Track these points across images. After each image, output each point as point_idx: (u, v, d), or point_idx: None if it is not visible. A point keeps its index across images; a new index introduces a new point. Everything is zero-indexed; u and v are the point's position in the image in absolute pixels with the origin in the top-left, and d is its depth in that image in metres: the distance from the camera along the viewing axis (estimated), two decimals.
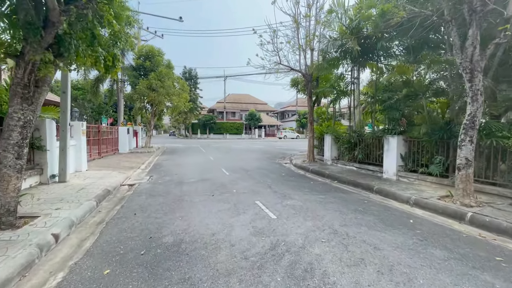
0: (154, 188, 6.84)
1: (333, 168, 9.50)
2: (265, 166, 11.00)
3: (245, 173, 8.98)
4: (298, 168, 10.47)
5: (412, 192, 5.81)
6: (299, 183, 7.54)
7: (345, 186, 7.19)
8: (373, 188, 6.52)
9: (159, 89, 16.28)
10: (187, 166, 10.74)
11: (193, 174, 8.91)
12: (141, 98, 16.78)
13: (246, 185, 7.07)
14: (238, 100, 59.32)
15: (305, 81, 11.16)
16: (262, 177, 8.25)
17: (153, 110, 17.99)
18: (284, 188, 6.78)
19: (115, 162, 11.46)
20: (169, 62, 18.85)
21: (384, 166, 7.61)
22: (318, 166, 10.10)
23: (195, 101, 43.60)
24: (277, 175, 8.84)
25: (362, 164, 8.79)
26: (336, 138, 10.25)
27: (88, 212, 4.74)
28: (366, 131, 10.12)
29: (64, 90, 6.72)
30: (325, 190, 6.60)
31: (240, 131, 48.17)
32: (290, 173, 9.30)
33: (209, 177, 8.24)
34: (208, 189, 6.61)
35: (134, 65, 17.63)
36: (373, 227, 4.09)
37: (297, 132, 49.70)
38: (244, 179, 7.91)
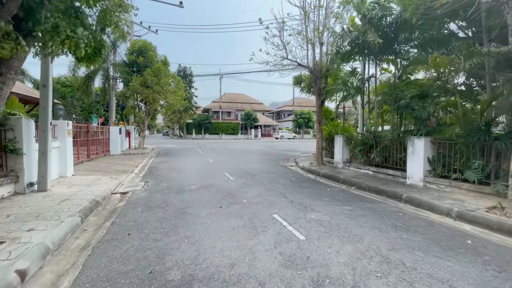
0: (151, 197, 5.92)
1: (346, 172, 8.72)
2: (271, 169, 10.16)
3: (251, 178, 8.13)
4: (307, 172, 9.67)
5: (450, 202, 5.06)
6: (315, 190, 6.73)
7: (367, 194, 6.42)
8: (401, 197, 5.76)
9: (154, 86, 15.26)
10: (186, 170, 9.81)
11: (193, 179, 8.01)
12: (134, 95, 15.73)
13: (256, 193, 6.21)
14: (233, 100, 58.39)
15: (313, 78, 10.37)
16: (271, 183, 7.40)
17: (147, 108, 16.94)
18: (301, 196, 5.95)
19: (106, 165, 10.43)
20: (165, 58, 17.83)
21: (408, 170, 6.87)
22: (329, 169, 9.32)
23: (190, 100, 42.51)
24: (286, 180, 8.01)
25: (379, 168, 8.04)
26: (348, 139, 9.49)
27: (70, 232, 3.81)
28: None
29: (44, 84, 5.74)
30: (347, 199, 5.80)
31: (236, 131, 47.24)
32: (300, 178, 8.48)
33: (212, 183, 7.36)
34: (214, 199, 5.73)
35: (127, 61, 16.55)
36: (428, 251, 3.30)
37: (294, 132, 49.08)
38: (252, 186, 7.05)
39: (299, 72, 15.40)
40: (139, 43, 16.68)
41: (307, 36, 9.75)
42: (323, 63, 10.27)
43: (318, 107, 10.42)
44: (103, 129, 14.47)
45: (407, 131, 7.29)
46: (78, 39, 3.25)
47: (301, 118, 48.99)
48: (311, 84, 14.20)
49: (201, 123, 44.76)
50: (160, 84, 15.58)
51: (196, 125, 45.29)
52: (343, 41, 8.09)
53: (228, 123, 47.95)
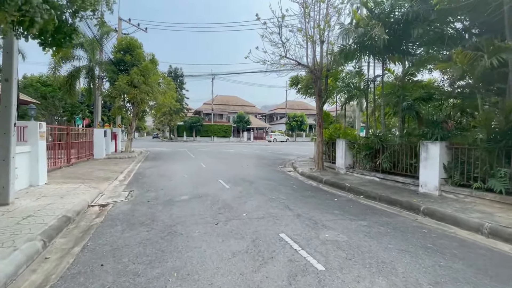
0: (135, 211, 5.09)
1: (350, 179, 8.11)
2: (269, 175, 9.44)
3: (249, 186, 7.38)
4: (308, 178, 9.00)
5: (478, 216, 4.47)
6: (321, 200, 6.05)
7: (378, 204, 5.79)
8: (419, 208, 5.15)
9: (141, 85, 14.33)
10: (176, 176, 8.97)
11: (184, 187, 7.19)
12: (121, 95, 14.74)
13: (256, 205, 5.47)
14: (225, 102, 57.55)
15: (312, 78, 9.76)
16: (272, 192, 6.68)
17: (135, 109, 15.96)
18: (307, 209, 5.25)
19: (87, 171, 9.46)
20: (153, 56, 16.90)
21: (421, 178, 6.30)
22: (332, 175, 8.68)
23: (181, 102, 41.45)
24: (288, 188, 7.31)
25: (387, 175, 7.46)
26: (351, 144, 8.90)
27: (24, 265, 2.97)
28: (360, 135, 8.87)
29: (7, 78, 4.85)
30: (360, 212, 5.14)
31: (228, 134, 46.38)
32: (302, 185, 7.80)
33: (205, 192, 6.57)
34: (208, 213, 4.95)
35: (113, 59, 15.56)
36: (479, 285, 2.65)
37: (286, 135, 48.63)
38: (251, 195, 6.31)
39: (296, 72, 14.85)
40: (126, 40, 15.73)
41: (307, 33, 9.14)
42: (323, 62, 9.68)
43: (319, 109, 9.80)
44: (86, 131, 13.42)
45: (418, 135, 6.74)
46: (34, 12, 2.46)
47: (294, 121, 48.64)
48: (308, 85, 13.65)
49: (192, 125, 43.68)
50: (148, 83, 14.65)
51: (187, 127, 44.17)
52: (348, 38, 7.51)
53: (220, 125, 47.05)
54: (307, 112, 55.21)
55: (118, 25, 19.76)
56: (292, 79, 14.78)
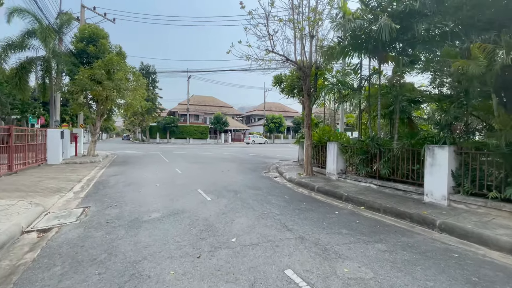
0: (86, 238, 3.83)
1: (344, 186, 7.40)
2: (254, 182, 8.45)
3: (234, 197, 6.33)
4: (298, 185, 8.16)
5: (506, 233, 3.87)
6: (320, 214, 5.18)
7: (384, 217, 5.07)
8: (434, 223, 4.48)
9: (105, 81, 12.62)
10: (146, 186, 7.65)
11: (156, 200, 5.95)
12: (83, 92, 12.89)
13: (247, 224, 4.45)
14: (202, 102, 55.70)
15: (301, 76, 8.99)
16: (262, 205, 5.70)
17: (99, 108, 14.13)
18: (309, 227, 4.35)
19: (34, 181, 7.78)
20: (120, 48, 15.18)
21: (426, 186, 5.71)
22: (324, 182, 7.92)
23: (153, 102, 39.11)
24: (278, 198, 6.38)
25: (385, 182, 6.84)
26: (344, 148, 8.23)
27: None
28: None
29: None
30: (370, 230, 4.34)
31: (205, 136, 44.67)
32: (294, 195, 6.92)
33: (182, 207, 5.41)
34: (186, 238, 3.84)
35: (74, 49, 13.63)
36: None
37: (264, 137, 48.05)
38: (238, 210, 5.27)
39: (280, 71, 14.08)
40: (89, 29, 13.87)
41: (298, 25, 8.32)
42: (313, 59, 8.95)
43: (308, 109, 9.03)
44: (37, 132, 11.44)
45: (421, 139, 6.18)
46: None
47: (273, 122, 48.24)
48: (293, 84, 12.93)
49: (166, 126, 41.34)
50: (113, 79, 12.95)
51: (161, 128, 41.74)
52: (346, 30, 6.80)
53: (196, 126, 45.15)
54: (285, 114, 55.25)
55: (81, 13, 17.68)
56: (276, 78, 13.99)
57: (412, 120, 9.09)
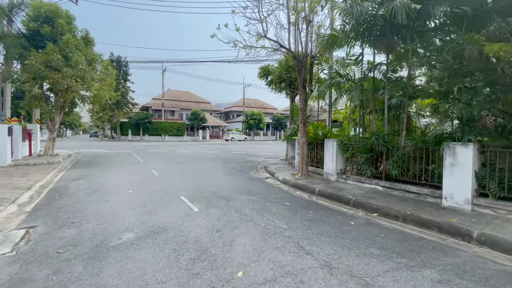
0: (22, 282, 2.58)
1: (348, 188, 6.66)
2: (245, 186, 7.44)
3: (227, 206, 5.27)
4: (294, 188, 7.29)
5: None
6: (334, 226, 4.32)
7: (406, 227, 4.36)
8: (470, 235, 3.81)
9: (63, 68, 10.75)
10: (116, 193, 6.31)
11: (128, 214, 4.71)
12: (36, 81, 10.88)
13: (251, 246, 3.45)
14: (177, 97, 53.11)
15: (297, 66, 8.08)
16: (262, 216, 4.71)
17: (58, 100, 12.14)
18: (331, 248, 3.45)
19: None
20: (87, 33, 13.22)
21: (445, 188, 5.09)
22: (324, 184, 7.13)
23: (125, 96, 36.27)
24: (279, 206, 5.43)
25: (393, 183, 6.18)
26: (344, 145, 7.49)
27: None
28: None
29: None
30: (403, 247, 3.54)
31: (181, 132, 42.53)
32: (294, 200, 6.02)
33: (164, 223, 4.25)
34: (174, 275, 2.75)
35: (25, 30, 11.50)
36: None
37: (244, 134, 46.98)
38: (235, 225, 4.23)
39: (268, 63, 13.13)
40: (46, 7, 11.77)
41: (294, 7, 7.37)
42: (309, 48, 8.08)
43: (303, 102, 8.17)
44: None
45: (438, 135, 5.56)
46: None
47: (252, 119, 47.28)
48: (282, 76, 12.04)
49: (139, 122, 38.61)
50: (72, 65, 11.09)
51: (133, 124, 38.90)
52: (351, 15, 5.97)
53: (172, 123, 42.80)
54: (264, 110, 54.53)
55: None
56: (263, 70, 13.03)
57: (410, 117, 8.64)
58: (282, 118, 52.42)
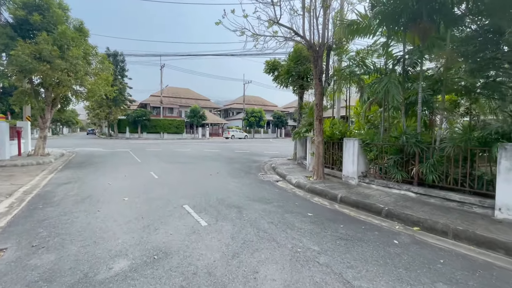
0: None
1: (374, 194, 5.86)
2: (256, 190, 6.62)
3: (239, 218, 4.45)
4: (311, 193, 6.49)
5: None
6: (378, 247, 3.51)
7: (459, 247, 3.58)
8: None
9: (56, 60, 9.86)
10: (109, 201, 5.47)
11: (122, 230, 3.88)
12: (23, 74, 9.97)
13: (281, 280, 2.63)
14: (176, 94, 52.10)
15: (312, 56, 7.23)
16: (285, 232, 3.90)
17: (49, 95, 11.24)
18: (385, 281, 2.64)
19: None
20: (81, 23, 12.28)
21: (500, 198, 4.29)
22: (345, 190, 6.32)
23: (122, 92, 35.29)
24: (301, 217, 4.62)
25: (428, 189, 5.38)
26: (367, 145, 6.68)
27: None
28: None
29: None
30: (480, 282, 2.75)
31: (180, 130, 41.63)
32: (316, 210, 5.21)
33: (166, 244, 3.43)
34: None
35: (12, 18, 10.56)
36: None
37: (244, 131, 46.12)
38: (255, 247, 3.41)
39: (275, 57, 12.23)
40: None
41: None
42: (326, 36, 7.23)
43: (319, 96, 7.34)
44: None
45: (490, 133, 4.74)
46: None
47: (252, 116, 46.40)
48: (290, 70, 11.20)
49: (137, 120, 37.64)
50: (66, 58, 10.22)
51: (131, 122, 37.95)
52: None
53: (171, 120, 41.86)
54: (265, 108, 53.65)
55: None
56: (269, 64, 12.16)
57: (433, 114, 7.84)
58: (283, 116, 51.57)
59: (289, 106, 62.06)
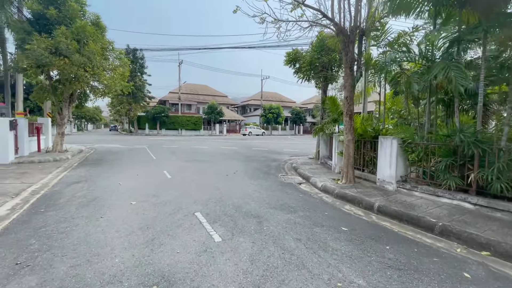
0: None
1: (419, 204, 4.91)
2: (277, 195, 5.87)
3: (259, 232, 3.73)
4: (341, 200, 5.63)
5: None
6: (446, 285, 2.66)
7: None
8: None
9: (73, 55, 9.61)
10: (115, 205, 4.96)
11: (122, 245, 3.29)
12: (40, 69, 9.83)
13: None
14: (194, 91, 52.23)
15: (343, 42, 6.30)
16: (317, 255, 3.12)
17: (66, 90, 11.11)
18: None
19: None
20: (98, 18, 12.04)
21: None
22: (382, 197, 5.40)
23: (141, 89, 35.72)
24: (334, 233, 3.82)
25: (492, 200, 4.36)
26: (408, 146, 5.69)
27: None
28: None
29: None
30: None
31: (198, 127, 41.62)
32: (352, 222, 4.37)
33: (170, 267, 2.78)
34: None
35: (28, 12, 10.47)
36: None
37: (262, 128, 45.35)
38: (282, 277, 2.66)
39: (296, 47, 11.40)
40: None
41: None
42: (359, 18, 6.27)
43: (350, 88, 6.41)
44: None
45: None
46: None
47: (270, 113, 45.46)
48: (313, 61, 10.26)
49: (156, 116, 38.03)
50: (83, 53, 9.96)
51: (150, 118, 38.41)
52: None
53: (189, 117, 41.95)
54: (282, 104, 52.46)
55: None
56: (290, 55, 11.26)
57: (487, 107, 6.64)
58: (301, 112, 50.16)
59: (307, 102, 60.37)
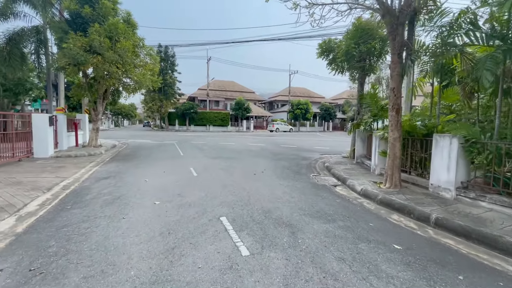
0: None
1: (489, 218, 3.99)
2: (311, 199, 5.26)
3: (294, 247, 3.18)
4: (386, 207, 4.85)
5: None
6: None
7: None
8: None
9: (106, 52, 9.78)
10: (139, 204, 4.73)
11: (139, 253, 2.96)
12: (76, 67, 10.17)
13: None
14: (222, 87, 52.64)
15: (389, 23, 5.42)
16: (370, 283, 2.50)
17: (100, 87, 11.44)
18: None
19: None
20: (129, 15, 12.24)
21: None
22: (439, 207, 4.53)
23: (172, 86, 36.76)
24: (389, 255, 3.15)
25: None
26: (472, 146, 4.72)
27: None
28: None
29: None
30: None
31: (225, 123, 41.87)
32: (405, 238, 3.64)
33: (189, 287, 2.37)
34: None
35: (66, 12, 10.89)
36: None
37: (289, 124, 44.33)
38: None
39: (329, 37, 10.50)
40: None
41: None
42: None
43: (397, 78, 5.53)
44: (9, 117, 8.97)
45: None
46: None
47: (298, 108, 44.23)
48: (349, 51, 9.34)
49: (185, 112, 38.93)
50: (116, 50, 10.10)
51: (180, 115, 39.44)
52: None
53: (216, 113, 42.36)
54: (311, 99, 50.78)
55: None
56: (323, 46, 10.43)
57: None
58: (331, 108, 48.17)
59: (337, 97, 57.83)
